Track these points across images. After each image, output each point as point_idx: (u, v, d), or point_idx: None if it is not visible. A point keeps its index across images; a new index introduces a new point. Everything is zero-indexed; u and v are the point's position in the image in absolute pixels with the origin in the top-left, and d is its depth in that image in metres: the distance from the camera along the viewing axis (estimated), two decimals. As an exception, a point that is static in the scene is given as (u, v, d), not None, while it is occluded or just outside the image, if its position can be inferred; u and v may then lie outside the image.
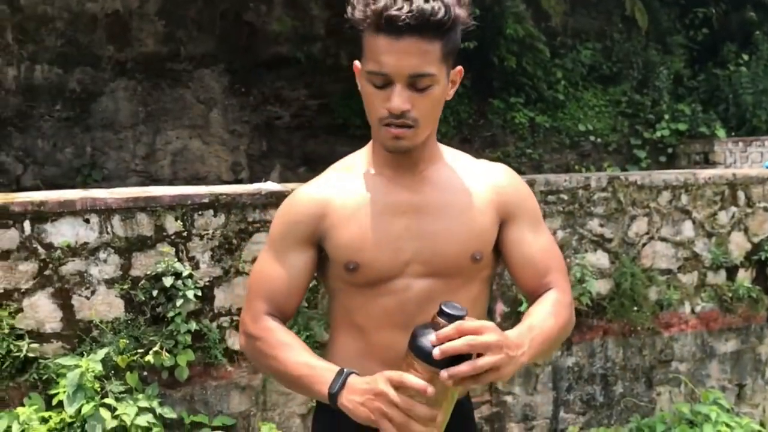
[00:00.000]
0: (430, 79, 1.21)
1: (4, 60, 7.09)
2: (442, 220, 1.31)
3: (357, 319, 1.34)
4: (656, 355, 4.30)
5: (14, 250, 3.05)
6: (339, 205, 1.33)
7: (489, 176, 1.39)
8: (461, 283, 1.32)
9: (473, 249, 1.31)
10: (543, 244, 1.40)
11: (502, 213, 1.36)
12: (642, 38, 8.67)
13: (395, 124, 1.22)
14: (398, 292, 1.31)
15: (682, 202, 4.30)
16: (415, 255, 1.30)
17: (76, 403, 2.93)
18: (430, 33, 1.16)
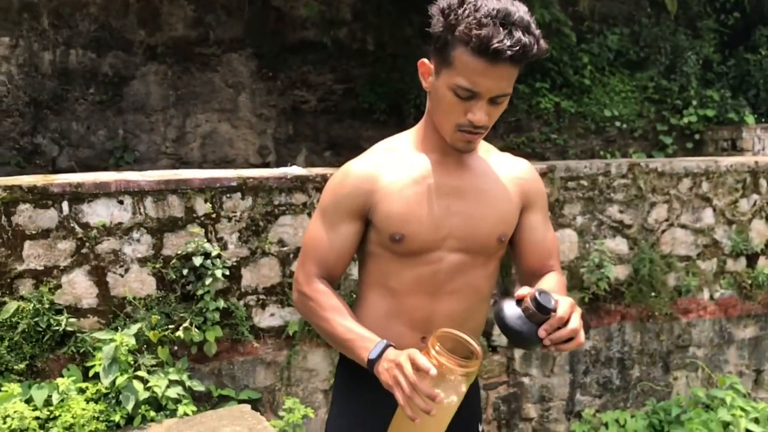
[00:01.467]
0: (507, 97, 1.37)
1: (41, 45, 7.29)
2: (478, 204, 1.48)
3: (390, 283, 1.50)
4: (674, 341, 4.35)
5: (53, 230, 3.22)
6: (388, 181, 1.46)
7: (515, 169, 1.56)
8: (484, 260, 1.51)
9: (500, 232, 1.49)
10: (550, 233, 1.62)
11: (524, 201, 1.55)
12: (671, 23, 8.56)
13: (471, 132, 1.37)
14: (432, 263, 1.47)
15: (703, 190, 4.32)
16: (452, 232, 1.46)
17: (111, 375, 3.09)
18: (520, 61, 1.31)
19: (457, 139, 1.40)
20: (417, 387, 1.19)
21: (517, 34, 1.26)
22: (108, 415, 3.09)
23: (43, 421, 3.02)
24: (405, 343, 1.45)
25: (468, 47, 1.28)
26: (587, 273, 4.09)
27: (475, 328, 1.59)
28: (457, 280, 1.48)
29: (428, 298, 1.48)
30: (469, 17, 1.27)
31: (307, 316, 1.54)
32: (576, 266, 4.13)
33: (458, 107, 1.34)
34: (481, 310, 1.58)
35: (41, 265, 3.21)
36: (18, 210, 3.17)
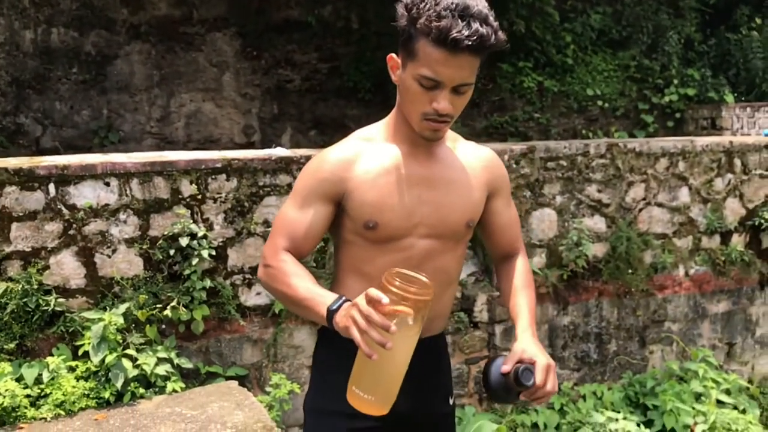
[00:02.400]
0: (470, 87, 1.44)
1: (22, 23, 7.23)
2: (447, 193, 1.57)
3: (365, 268, 1.57)
4: (650, 316, 4.48)
5: (40, 211, 3.26)
6: (362, 169, 1.53)
7: (480, 157, 1.66)
8: (453, 245, 1.61)
9: (468, 218, 1.60)
10: (513, 216, 1.75)
11: (490, 188, 1.66)
12: (653, 2, 8.63)
13: (437, 120, 1.44)
14: (405, 249, 1.55)
15: (679, 169, 4.42)
16: (422, 220, 1.55)
17: (101, 353, 3.16)
18: (480, 51, 1.38)
19: (424, 127, 1.47)
20: (371, 317, 1.23)
21: (474, 25, 1.33)
22: (98, 392, 3.16)
23: (34, 398, 3.09)
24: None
25: (429, 38, 1.35)
26: (566, 251, 4.20)
27: (444, 308, 1.68)
28: (428, 264, 1.55)
29: None
30: (430, 10, 1.35)
31: (271, 287, 1.55)
32: (555, 244, 4.23)
33: (423, 97, 1.42)
34: (450, 292, 1.68)
35: (29, 247, 3.25)
36: (4, 192, 3.20)
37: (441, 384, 1.74)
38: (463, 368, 4.15)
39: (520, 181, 4.15)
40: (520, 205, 4.15)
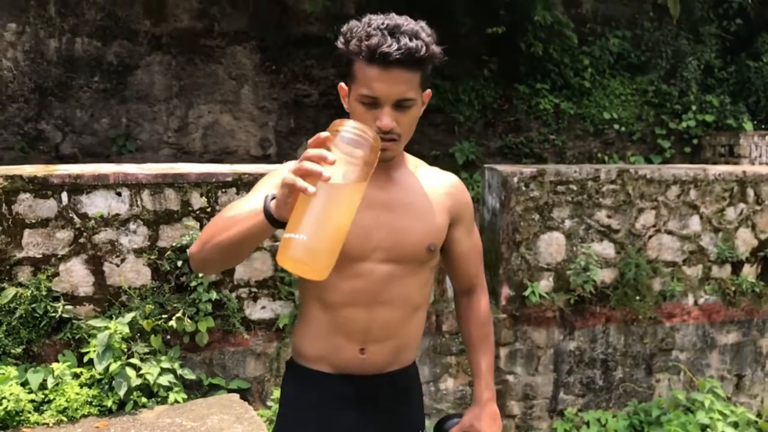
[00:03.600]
0: (411, 102, 1.44)
1: (47, 32, 7.38)
2: (406, 217, 1.55)
3: (327, 297, 1.55)
4: (657, 344, 4.44)
5: (52, 219, 3.31)
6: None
7: (443, 183, 1.65)
8: (415, 270, 1.58)
9: (429, 241, 1.57)
10: (475, 246, 1.73)
11: (452, 215, 1.64)
12: (673, 27, 8.61)
13: (383, 139, 1.42)
14: (364, 274, 1.53)
15: (691, 197, 4.40)
16: (380, 243, 1.53)
17: (105, 361, 3.20)
18: (413, 66, 1.40)
19: None
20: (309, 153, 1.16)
21: (404, 40, 1.36)
22: (101, 400, 3.19)
23: (38, 403, 3.13)
24: (344, 354, 1.56)
25: (362, 58, 1.38)
26: (573, 275, 4.18)
27: (411, 337, 1.64)
28: (390, 290, 1.54)
29: (364, 310, 1.54)
30: (361, 32, 1.39)
31: (205, 253, 1.39)
32: (563, 268, 4.21)
33: (367, 116, 1.42)
34: (416, 319, 1.63)
35: (40, 253, 3.31)
36: (18, 199, 3.27)
37: (409, 419, 1.69)
38: (466, 390, 4.14)
39: (529, 204, 4.15)
40: (528, 227, 4.15)
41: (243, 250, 1.37)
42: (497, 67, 8.18)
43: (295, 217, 1.18)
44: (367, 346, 1.56)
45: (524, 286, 4.16)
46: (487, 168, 4.53)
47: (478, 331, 1.74)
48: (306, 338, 1.61)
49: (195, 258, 1.43)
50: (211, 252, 1.37)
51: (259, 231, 1.29)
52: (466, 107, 8.02)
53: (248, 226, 1.29)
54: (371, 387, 1.58)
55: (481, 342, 1.73)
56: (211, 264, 1.42)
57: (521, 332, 4.20)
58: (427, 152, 8.11)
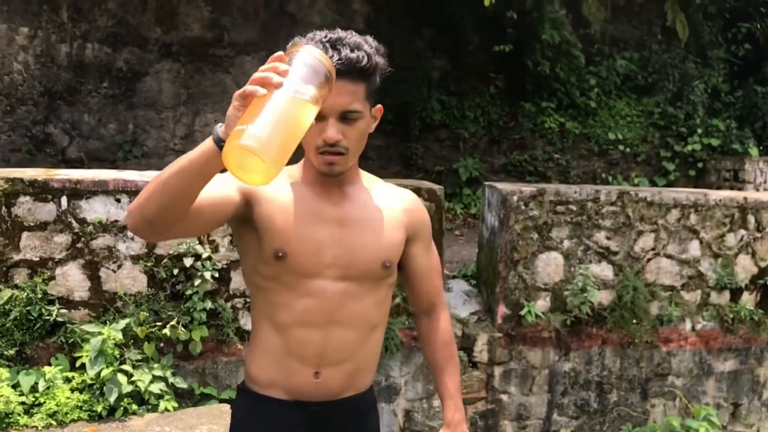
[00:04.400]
0: (357, 114, 1.42)
1: (58, 37, 7.46)
2: (360, 232, 1.52)
3: (279, 317, 1.49)
4: (653, 368, 4.42)
5: (51, 223, 3.33)
6: (269, 195, 1.47)
7: (400, 199, 1.62)
8: (371, 287, 1.53)
9: (384, 258, 1.53)
10: (433, 263, 1.70)
11: (409, 231, 1.60)
12: (681, 50, 8.64)
13: (329, 152, 1.42)
14: (318, 293, 1.48)
15: (691, 222, 4.39)
16: (334, 259, 1.49)
17: (97, 366, 3.20)
18: (356, 77, 1.39)
19: (321, 162, 1.44)
20: (263, 66, 1.16)
21: (345, 51, 1.36)
22: (91, 405, 3.20)
23: (28, 406, 3.13)
24: (297, 379, 1.49)
25: None
26: (571, 296, 4.17)
27: (368, 359, 1.59)
28: (344, 309, 1.50)
29: (318, 331, 1.48)
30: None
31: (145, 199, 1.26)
32: (560, 289, 4.20)
33: (313, 131, 1.38)
34: (373, 341, 1.58)
35: (37, 256, 3.33)
36: (18, 202, 3.29)
37: None
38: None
39: (528, 223, 4.15)
40: (526, 246, 4.15)
41: (188, 190, 1.24)
42: (504, 85, 8.22)
43: (247, 114, 1.13)
44: (322, 370, 1.50)
45: (521, 305, 4.15)
46: (487, 186, 4.54)
47: (442, 353, 1.70)
48: (257, 362, 1.54)
49: (133, 210, 1.28)
50: (153, 196, 1.24)
51: (205, 161, 1.19)
52: (471, 123, 8.04)
53: (194, 157, 1.20)
54: (325, 414, 1.52)
55: (447, 363, 1.69)
56: (151, 212, 1.25)
57: (516, 351, 4.18)
58: (431, 167, 8.13)
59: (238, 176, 1.14)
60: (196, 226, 1.37)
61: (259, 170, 1.12)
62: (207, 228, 1.43)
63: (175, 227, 1.31)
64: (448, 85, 8.18)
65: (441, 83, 8.13)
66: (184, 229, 1.36)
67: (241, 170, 1.13)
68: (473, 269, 4.71)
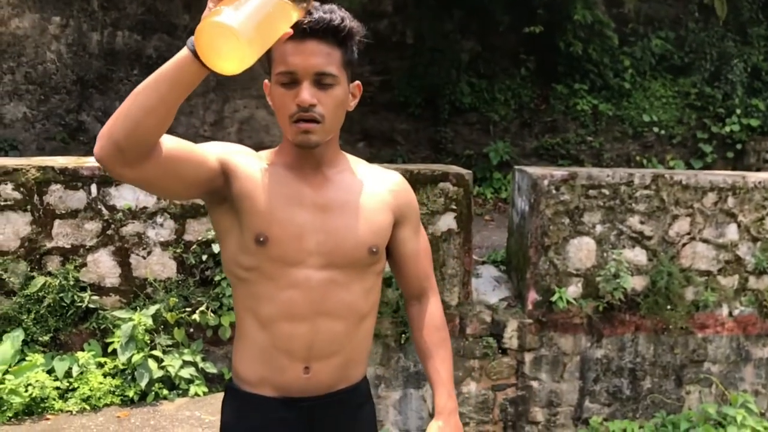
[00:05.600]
0: (332, 79, 1.35)
1: (89, 26, 7.53)
2: (343, 217, 1.44)
3: (262, 310, 1.42)
4: (688, 355, 4.32)
5: (81, 210, 3.37)
6: (248, 173, 1.40)
7: (386, 181, 1.54)
8: (357, 275, 1.46)
9: (370, 243, 1.45)
10: (422, 247, 1.62)
11: (397, 214, 1.53)
12: (719, 28, 8.37)
13: (304, 119, 1.34)
14: (301, 283, 1.40)
15: (728, 205, 4.26)
16: (317, 246, 1.41)
17: (128, 352, 3.24)
18: (330, 38, 1.33)
19: (295, 132, 1.36)
20: None
21: (318, 13, 1.31)
22: (123, 390, 3.24)
23: (62, 391, 3.19)
24: (286, 375, 1.43)
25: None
26: (603, 282, 4.09)
27: (359, 350, 1.52)
28: (330, 299, 1.42)
29: (304, 324, 1.41)
30: None
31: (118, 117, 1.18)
32: (592, 275, 4.12)
33: (287, 97, 1.34)
34: (362, 331, 1.50)
35: (69, 244, 3.37)
36: (50, 190, 3.33)
37: None
38: (488, 394, 4.09)
39: (559, 208, 4.07)
40: (557, 231, 4.07)
41: (160, 103, 1.16)
42: (534, 67, 8.07)
43: (224, 3, 1.11)
44: (312, 364, 1.42)
45: (552, 291, 4.08)
46: (517, 170, 4.46)
47: (433, 337, 1.61)
48: (244, 360, 1.46)
49: (102, 134, 1.19)
50: (122, 113, 1.17)
51: (179, 68, 1.14)
52: (501, 106, 7.93)
53: (168, 66, 1.16)
54: (318, 409, 1.45)
55: (437, 347, 1.59)
56: (120, 133, 1.16)
57: (547, 338, 4.13)
58: (460, 152, 8.04)
59: (211, 60, 1.11)
60: (170, 178, 1.28)
61: (232, 55, 1.09)
62: (181, 186, 1.32)
63: (145, 162, 1.21)
64: (477, 67, 8.07)
65: (470, 65, 8.02)
66: (156, 173, 1.24)
67: (214, 53, 1.09)
68: (503, 255, 4.65)
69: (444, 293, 3.88)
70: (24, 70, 7.40)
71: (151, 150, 1.21)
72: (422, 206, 3.78)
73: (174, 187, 1.32)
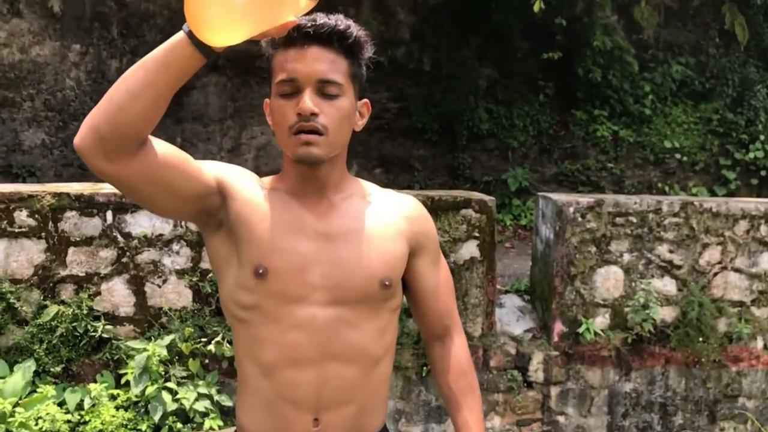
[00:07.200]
0: (337, 88, 1.24)
1: (109, 53, 7.58)
2: (351, 246, 1.29)
3: (264, 356, 1.28)
4: (722, 389, 4.14)
5: (96, 237, 3.30)
6: (246, 196, 1.28)
7: (400, 206, 1.39)
8: (369, 313, 1.30)
9: (383, 275, 1.29)
10: (443, 280, 1.45)
11: (413, 243, 1.37)
12: (741, 54, 8.28)
13: (305, 129, 1.22)
14: (305, 324, 1.26)
15: (761, 233, 4.11)
16: (322, 280, 1.27)
17: (142, 384, 3.14)
18: (335, 45, 1.23)
19: (296, 144, 1.22)
20: None
21: (322, 19, 1.22)
22: (136, 423, 3.13)
23: (74, 424, 3.09)
24: (295, 428, 1.28)
25: (282, 45, 1.24)
26: (632, 313, 3.95)
27: (375, 397, 1.36)
28: (339, 341, 1.27)
29: (310, 369, 1.26)
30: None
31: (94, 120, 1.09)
32: (620, 305, 3.98)
33: (288, 108, 1.22)
34: (377, 375, 1.34)
35: (83, 272, 3.30)
36: (65, 217, 3.27)
37: None
38: (513, 430, 3.93)
39: (585, 236, 3.95)
40: (584, 260, 3.95)
41: (146, 87, 1.08)
42: (553, 93, 8.00)
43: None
44: (321, 416, 1.27)
45: (578, 322, 3.94)
46: (541, 196, 4.35)
47: (459, 383, 1.44)
48: (247, 411, 1.32)
49: (84, 123, 1.10)
50: (106, 99, 1.08)
51: (170, 49, 1.07)
52: (520, 132, 7.85)
53: (159, 49, 1.08)
54: None
55: (465, 395, 1.43)
56: (102, 120, 1.07)
57: (574, 371, 3.97)
58: (478, 178, 7.96)
59: (199, 28, 1.02)
60: (157, 184, 1.16)
61: (223, 24, 1.01)
62: (169, 198, 1.20)
63: (129, 158, 1.10)
64: (495, 93, 8.01)
65: (488, 92, 7.97)
66: (140, 175, 1.14)
67: (203, 22, 1.01)
68: (527, 284, 4.52)
69: (467, 324, 3.76)
70: (43, 97, 7.44)
71: (136, 144, 1.11)
72: (444, 234, 3.68)
73: (161, 197, 1.20)
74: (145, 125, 1.10)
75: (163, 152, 1.16)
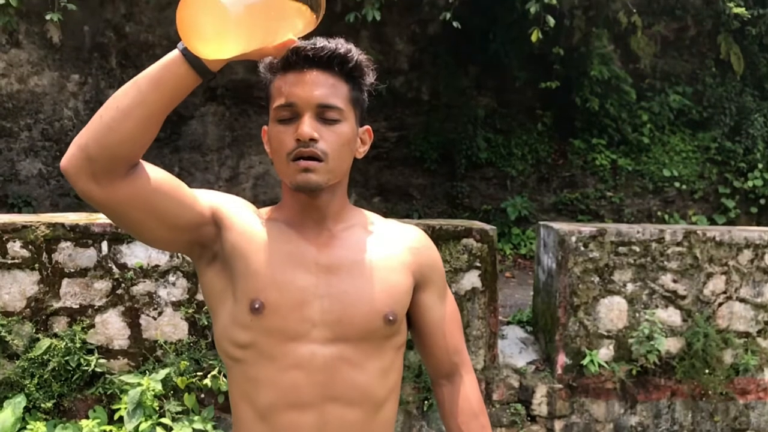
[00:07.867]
0: (337, 113, 1.20)
1: (107, 83, 7.58)
2: (352, 279, 1.23)
3: (260, 398, 1.21)
4: (729, 422, 4.05)
5: (91, 269, 3.24)
6: (242, 227, 1.23)
7: (404, 237, 1.33)
8: (372, 351, 1.23)
9: (387, 309, 1.23)
10: (450, 314, 1.39)
11: (418, 275, 1.31)
12: (737, 83, 8.32)
13: (304, 156, 1.17)
14: (304, 363, 1.19)
15: (766, 262, 4.06)
16: (322, 315, 1.20)
17: (135, 420, 3.05)
18: (335, 69, 1.20)
19: (294, 170, 1.17)
20: None
21: (321, 43, 1.19)
22: (129, 461, 3.04)
23: (64, 463, 2.99)
24: None
25: (280, 69, 1.20)
26: (636, 344, 3.87)
27: None
28: (340, 382, 1.20)
29: (310, 413, 1.19)
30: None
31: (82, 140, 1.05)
32: (624, 336, 3.91)
33: (286, 134, 1.18)
34: (382, 418, 1.26)
35: (77, 304, 3.22)
36: (59, 247, 3.21)
37: None
38: (516, 465, 3.83)
39: (588, 266, 3.89)
40: (587, 290, 3.88)
41: (138, 105, 1.04)
42: (551, 122, 8.01)
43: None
44: None
45: (582, 354, 3.86)
46: (542, 225, 4.30)
47: (471, 425, 1.36)
48: None
49: (72, 143, 1.06)
50: (96, 119, 1.04)
51: (164, 66, 1.04)
52: (519, 161, 7.84)
53: (153, 66, 1.04)
54: None
55: None
56: (91, 140, 1.03)
57: (578, 404, 3.89)
58: (477, 207, 7.92)
59: (190, 40, 0.98)
60: (147, 211, 1.12)
61: (214, 36, 0.97)
62: (160, 225, 1.15)
63: (118, 181, 1.06)
64: (494, 122, 8.02)
65: (487, 121, 7.98)
66: (129, 200, 1.09)
67: (194, 32, 0.97)
68: (529, 314, 4.45)
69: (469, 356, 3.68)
70: (41, 127, 7.43)
71: (126, 167, 1.06)
72: (445, 264, 3.62)
73: (151, 225, 1.14)
74: (135, 146, 1.06)
75: (155, 177, 1.12)
